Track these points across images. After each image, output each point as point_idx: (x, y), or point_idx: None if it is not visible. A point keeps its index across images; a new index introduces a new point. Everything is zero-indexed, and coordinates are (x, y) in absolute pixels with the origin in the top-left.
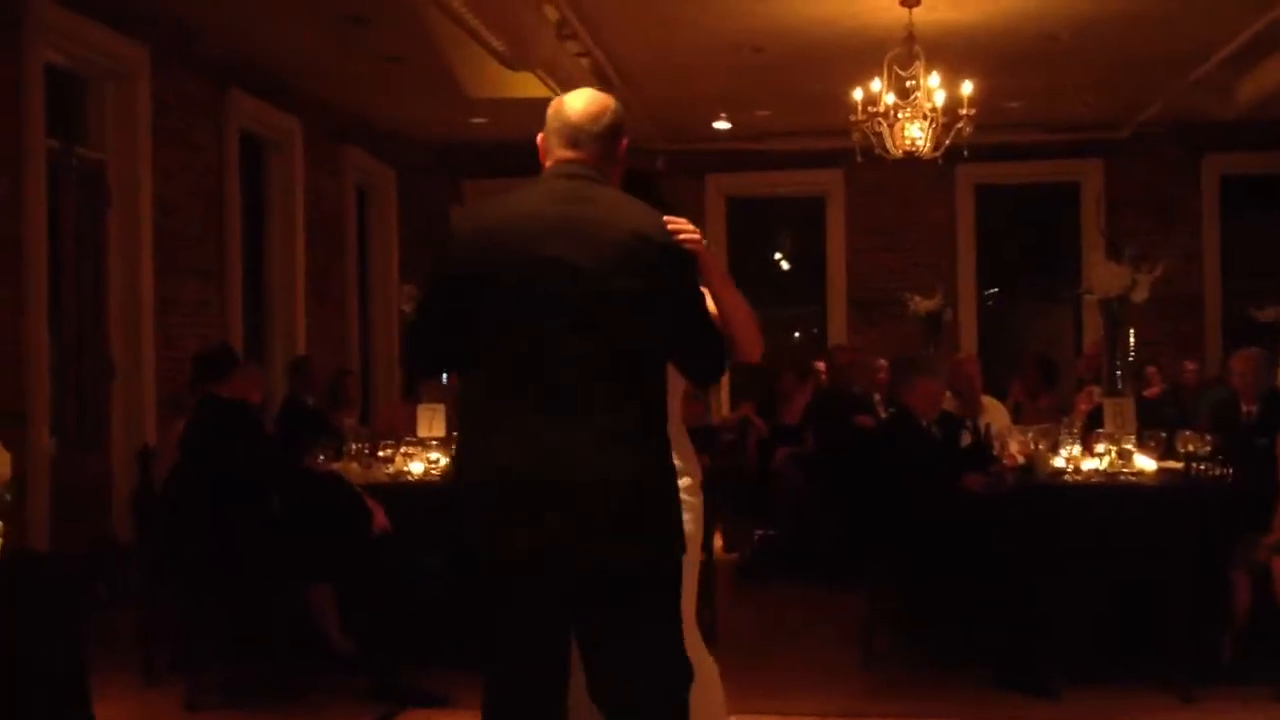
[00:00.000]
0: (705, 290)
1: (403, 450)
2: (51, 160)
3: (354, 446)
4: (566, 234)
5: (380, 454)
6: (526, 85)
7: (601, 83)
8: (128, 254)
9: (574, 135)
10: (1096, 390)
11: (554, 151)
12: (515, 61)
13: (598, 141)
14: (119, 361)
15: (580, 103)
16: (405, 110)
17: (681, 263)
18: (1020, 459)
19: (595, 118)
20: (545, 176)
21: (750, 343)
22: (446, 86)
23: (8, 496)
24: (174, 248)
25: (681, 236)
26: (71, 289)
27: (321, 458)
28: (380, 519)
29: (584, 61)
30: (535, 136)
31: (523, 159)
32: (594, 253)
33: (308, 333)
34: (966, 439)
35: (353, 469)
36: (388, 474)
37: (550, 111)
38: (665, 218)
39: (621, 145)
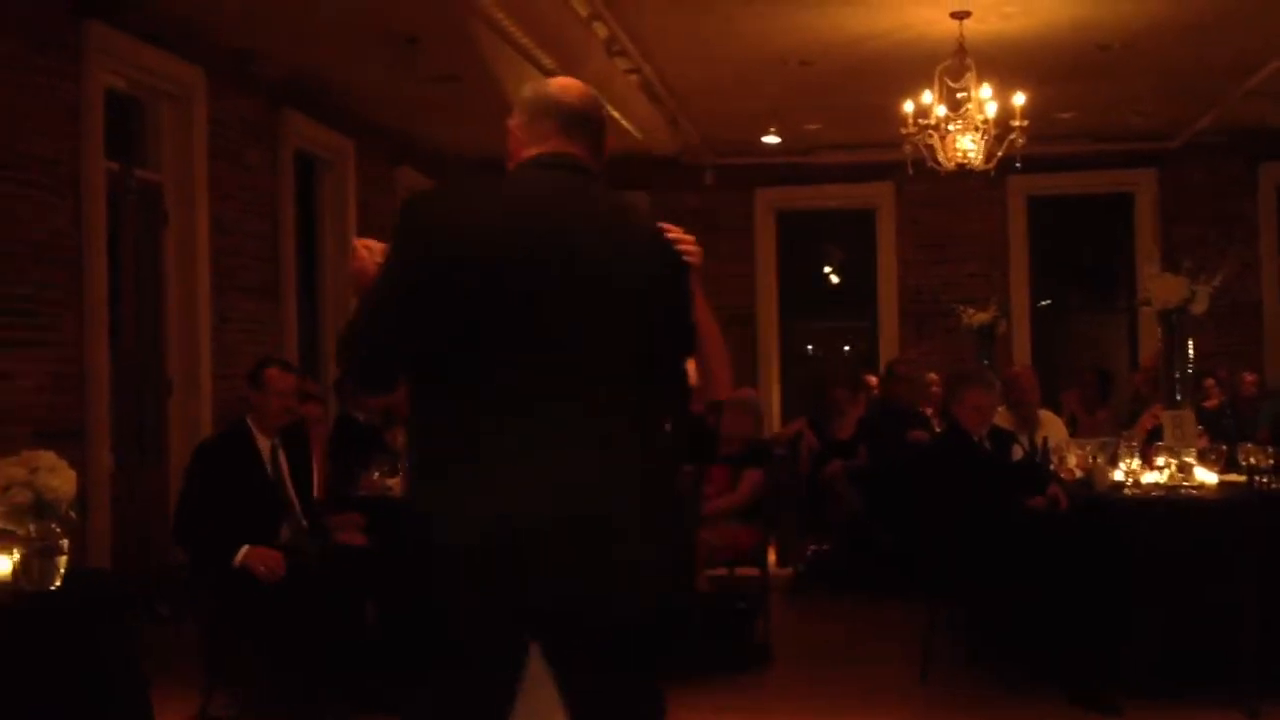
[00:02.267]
0: None
1: None
2: (111, 182)
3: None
4: (573, 230)
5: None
6: None
7: (651, 98)
8: (185, 273)
9: (571, 125)
10: (1161, 408)
11: (544, 140)
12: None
13: (594, 134)
14: (176, 379)
15: (576, 90)
16: (456, 129)
17: (682, 272)
18: (1078, 473)
19: (593, 108)
20: (537, 164)
21: (723, 375)
22: (497, 105)
23: (72, 514)
24: (230, 267)
25: (680, 245)
26: (130, 308)
27: (376, 475)
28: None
29: (633, 78)
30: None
31: None
32: (605, 251)
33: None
34: (1018, 453)
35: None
36: None
37: (533, 96)
38: (661, 224)
39: (605, 146)
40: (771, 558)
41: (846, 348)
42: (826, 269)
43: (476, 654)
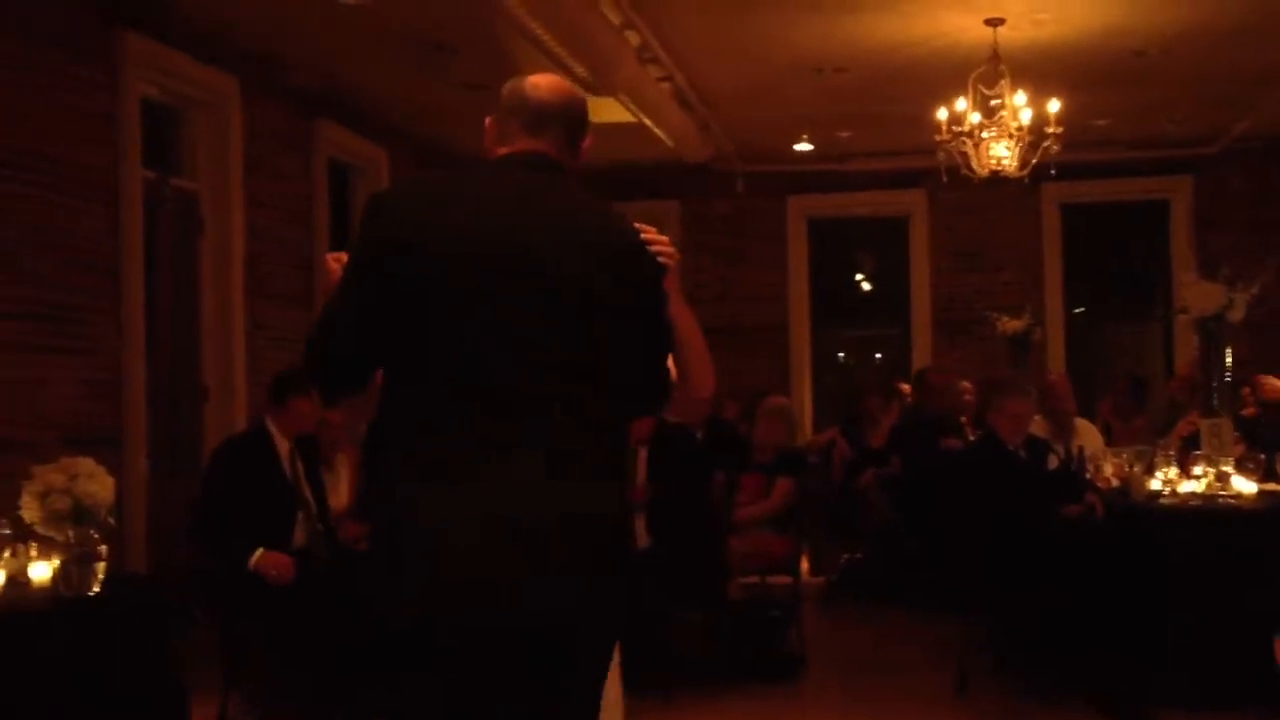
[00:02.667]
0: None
1: None
2: (147, 190)
3: None
4: (538, 228)
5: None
6: (608, 110)
7: (683, 106)
8: (220, 281)
9: (539, 121)
10: (1198, 417)
11: (511, 138)
12: (598, 86)
13: (565, 130)
14: (211, 385)
15: (546, 85)
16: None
17: (656, 272)
18: (1115, 481)
19: (564, 104)
20: (502, 164)
21: (703, 374)
22: None
23: (111, 520)
24: (264, 274)
25: (654, 246)
26: (166, 315)
27: None
28: None
29: (665, 85)
30: (616, 159)
31: (606, 182)
32: (571, 252)
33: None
34: (1054, 462)
35: None
36: None
37: (508, 92)
38: (635, 224)
39: (585, 142)
40: (804, 566)
41: (878, 356)
42: (858, 276)
43: (444, 656)
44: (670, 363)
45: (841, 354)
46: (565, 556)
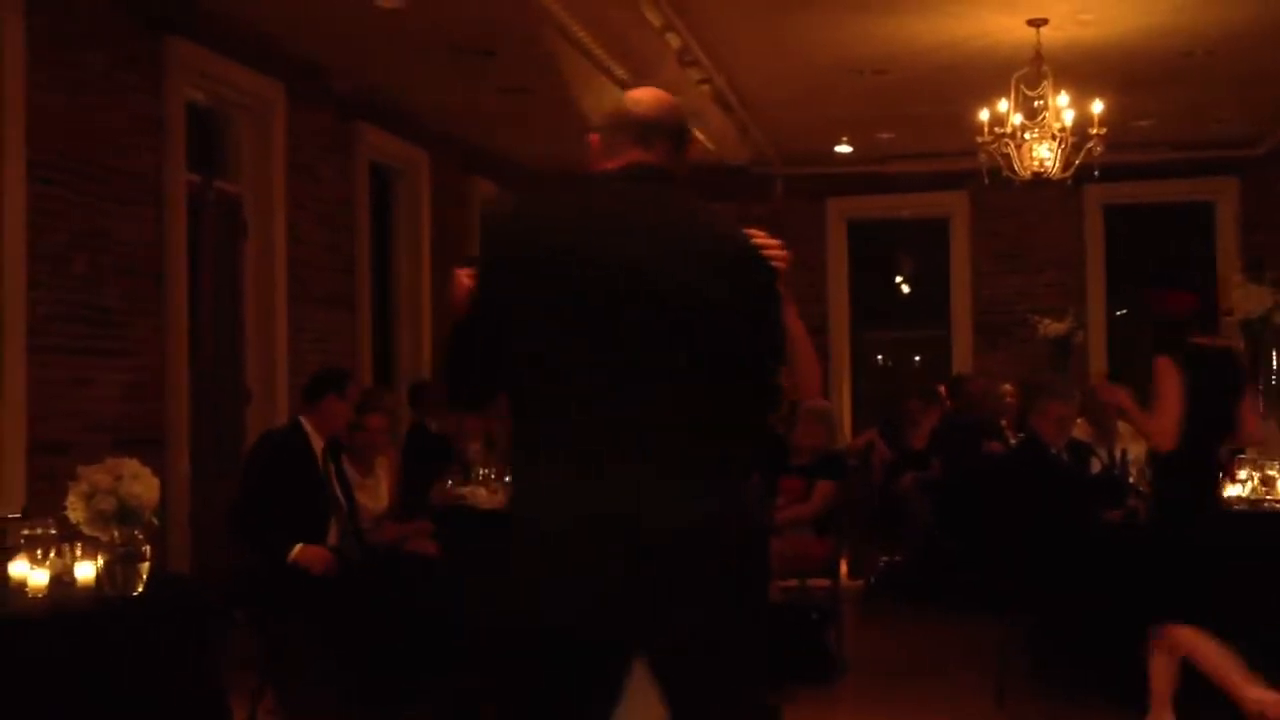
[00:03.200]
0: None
1: None
2: (192, 194)
3: (481, 472)
4: (650, 240)
5: (508, 479)
6: None
7: (723, 108)
8: (262, 283)
9: (645, 133)
10: None
11: (619, 152)
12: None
13: (670, 140)
14: (253, 387)
15: (649, 99)
16: (529, 140)
17: (769, 278)
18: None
19: (668, 115)
20: (610, 178)
21: (812, 377)
22: (570, 116)
23: (155, 521)
24: (306, 277)
25: (766, 251)
26: (209, 318)
27: (449, 483)
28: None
29: (705, 88)
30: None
31: None
32: (684, 261)
33: (434, 360)
34: (1096, 466)
35: (480, 494)
36: None
37: (610, 109)
38: (746, 229)
39: (689, 148)
40: (843, 569)
41: (918, 358)
42: (898, 279)
43: (566, 651)
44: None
45: (880, 356)
46: (684, 559)
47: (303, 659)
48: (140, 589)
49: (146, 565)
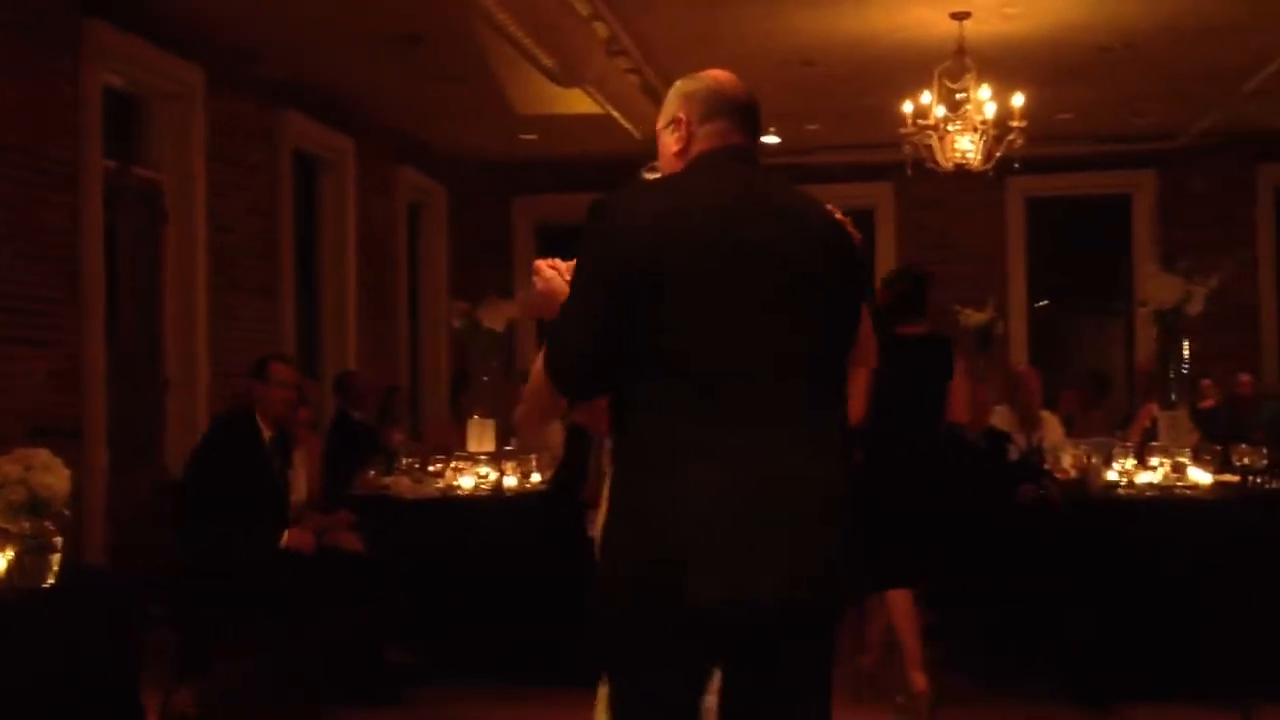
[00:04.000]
0: None
1: (453, 465)
2: (109, 180)
3: (404, 462)
4: (767, 222)
5: (430, 469)
6: (576, 102)
7: (651, 98)
8: (183, 272)
9: (744, 117)
10: (1156, 408)
11: (720, 135)
12: (565, 78)
13: (755, 124)
14: (173, 377)
15: (732, 81)
16: (456, 128)
17: (861, 259)
18: (1073, 473)
19: (752, 98)
20: (717, 160)
21: (868, 358)
22: (497, 104)
23: (66, 512)
24: (228, 266)
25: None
26: (128, 306)
27: (372, 473)
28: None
29: (633, 78)
30: (582, 150)
31: (572, 174)
32: (801, 242)
33: (359, 349)
34: (1014, 454)
35: (403, 484)
36: (438, 489)
37: (700, 89)
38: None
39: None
40: None
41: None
42: None
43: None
44: None
45: None
46: (813, 533)
47: (227, 653)
48: (51, 581)
49: (58, 556)
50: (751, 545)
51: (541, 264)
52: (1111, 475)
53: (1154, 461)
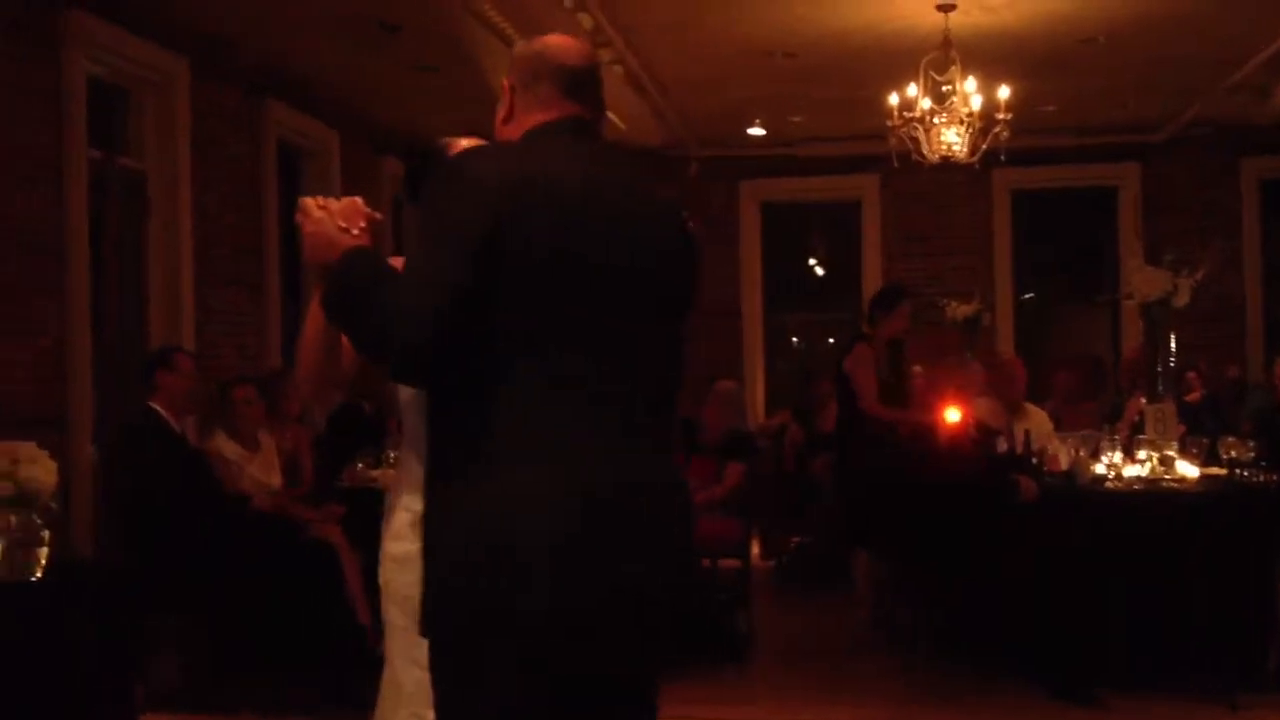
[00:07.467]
0: None
1: None
2: (93, 170)
3: (392, 454)
4: (617, 197)
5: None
6: None
7: (636, 89)
8: (167, 263)
9: (578, 84)
10: (1143, 401)
11: (549, 102)
12: None
13: (598, 94)
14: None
15: (575, 47)
16: (439, 118)
17: (697, 248)
18: (1062, 466)
19: (597, 66)
20: (555, 130)
21: None
22: (480, 94)
23: (53, 505)
24: (213, 257)
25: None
26: (113, 297)
27: (360, 465)
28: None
29: (618, 69)
30: None
31: None
32: (650, 227)
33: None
34: (1002, 447)
35: (390, 476)
36: None
37: (531, 53)
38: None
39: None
40: (755, 549)
41: (831, 340)
42: (811, 261)
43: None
44: None
45: (795, 338)
46: (653, 532)
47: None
48: (39, 574)
49: (45, 550)
50: (586, 552)
51: (309, 202)
52: (1099, 469)
53: (1141, 455)
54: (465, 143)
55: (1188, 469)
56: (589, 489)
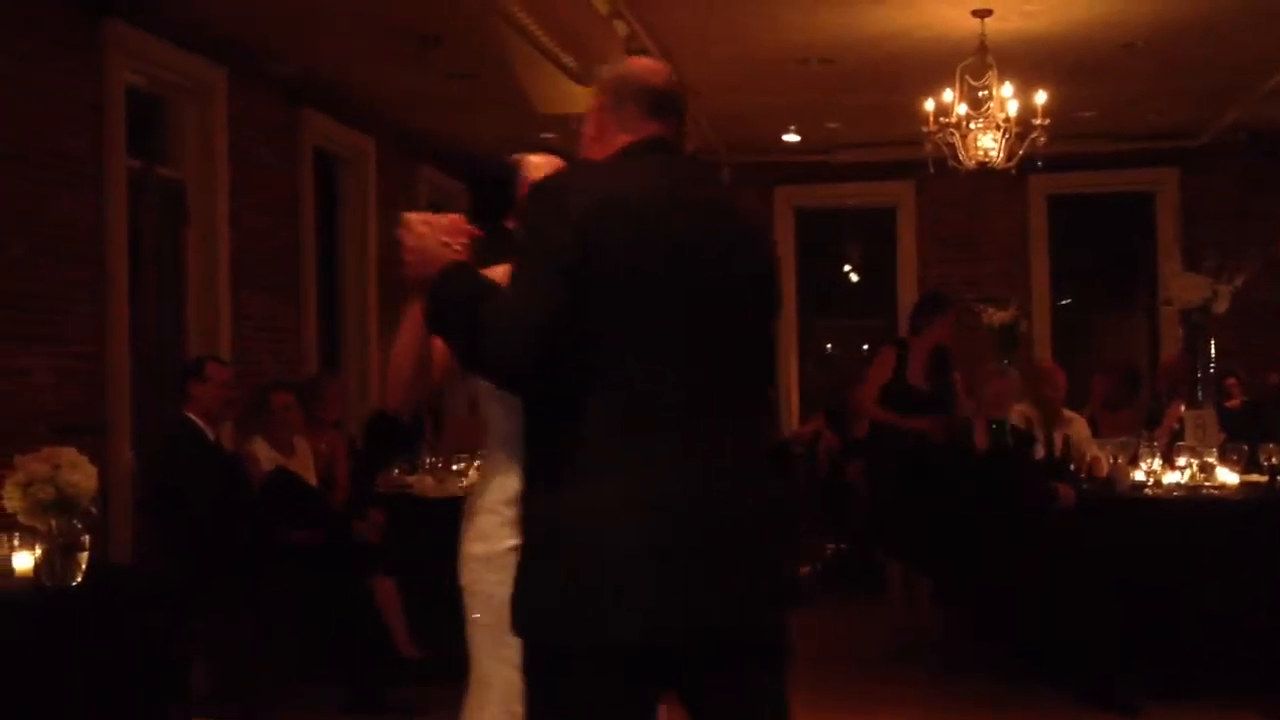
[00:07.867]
0: None
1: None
2: (132, 179)
3: (428, 461)
4: (699, 217)
5: (454, 468)
6: None
7: None
8: (205, 271)
9: (665, 106)
10: (1184, 406)
11: (634, 123)
12: (585, 77)
13: (681, 113)
14: None
15: (658, 70)
16: (475, 127)
17: (778, 259)
18: (1101, 472)
19: (679, 87)
20: (644, 150)
21: None
22: (516, 103)
23: (94, 510)
24: (250, 264)
25: None
26: (151, 305)
27: (396, 472)
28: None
29: None
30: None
31: None
32: (733, 241)
33: (380, 348)
34: (1039, 453)
35: (427, 483)
36: (461, 488)
37: (617, 76)
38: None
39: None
40: None
41: (865, 346)
42: (846, 267)
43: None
44: None
45: (829, 344)
46: (742, 554)
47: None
48: (79, 579)
49: (85, 555)
50: (677, 571)
51: (413, 217)
52: (1139, 475)
53: (1181, 461)
54: (535, 159)
55: (1228, 476)
56: (675, 501)
